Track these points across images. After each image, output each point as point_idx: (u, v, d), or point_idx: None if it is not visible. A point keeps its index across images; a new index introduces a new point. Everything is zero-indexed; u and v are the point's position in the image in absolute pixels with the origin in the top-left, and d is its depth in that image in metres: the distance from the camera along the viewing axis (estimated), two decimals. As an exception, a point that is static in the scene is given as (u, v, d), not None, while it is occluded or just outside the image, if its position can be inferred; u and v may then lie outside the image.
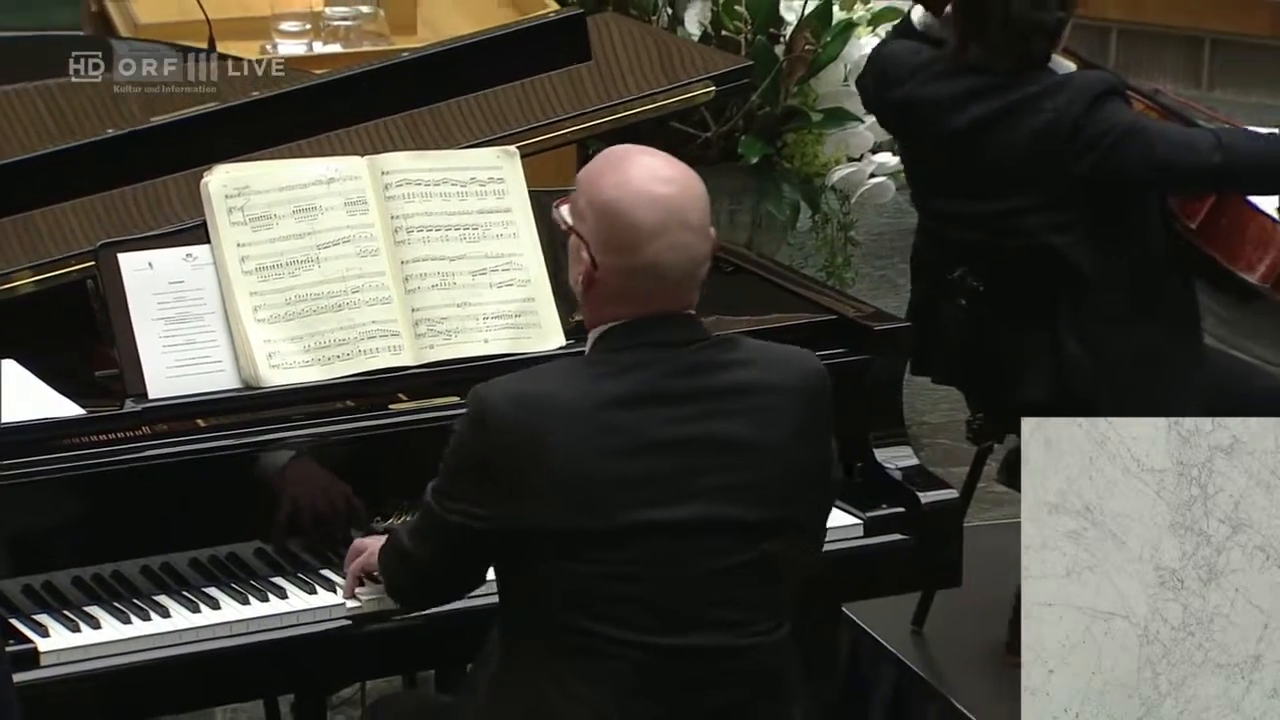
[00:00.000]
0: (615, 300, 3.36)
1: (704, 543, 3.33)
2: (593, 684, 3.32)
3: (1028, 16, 4.52)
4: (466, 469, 3.36)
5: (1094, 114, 4.49)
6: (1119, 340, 4.57)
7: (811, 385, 3.43)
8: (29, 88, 4.39)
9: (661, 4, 5.91)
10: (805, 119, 5.93)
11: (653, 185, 3.33)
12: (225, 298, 3.85)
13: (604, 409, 3.32)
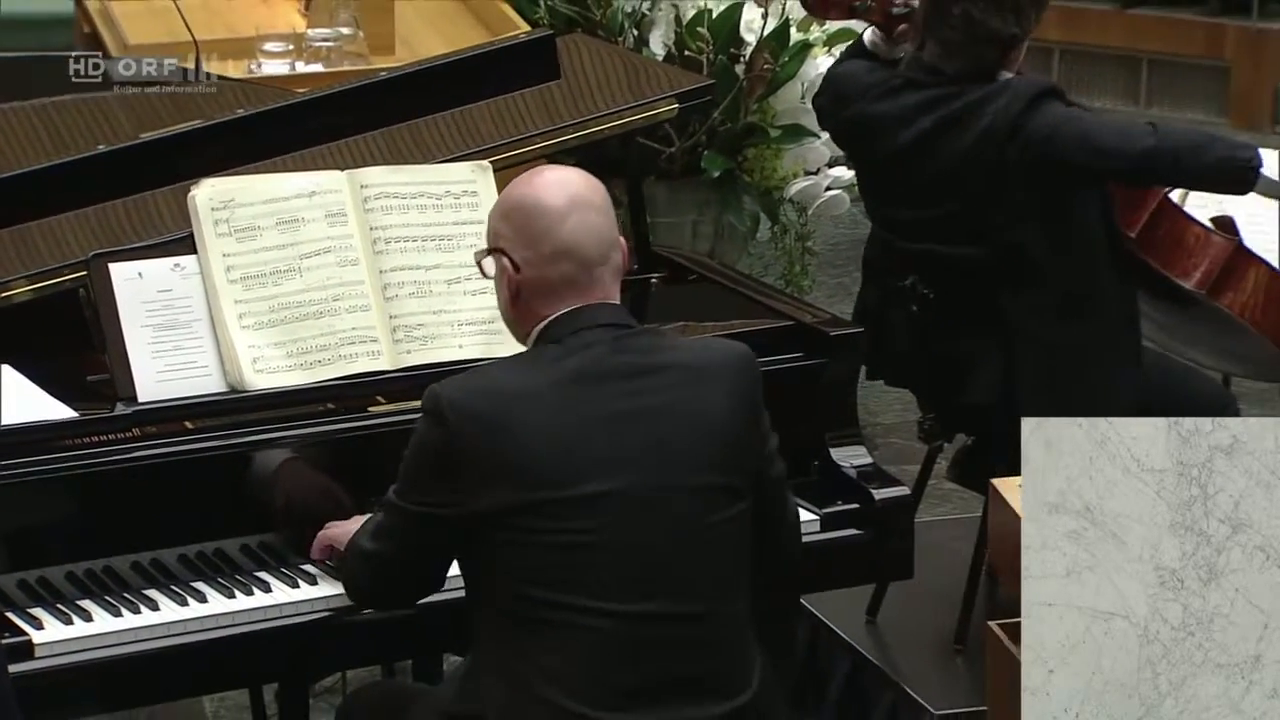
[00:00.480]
0: (544, 295, 3.42)
1: (659, 509, 3.35)
2: (562, 656, 3.32)
3: (985, 22, 4.53)
4: (429, 464, 3.38)
5: (1034, 111, 4.49)
6: (1063, 342, 4.57)
7: (742, 364, 3.48)
8: (25, 106, 4.36)
9: (627, 25, 5.90)
10: (764, 135, 5.94)
11: (554, 177, 3.48)
12: (211, 305, 3.84)
13: (559, 387, 3.37)
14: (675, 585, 3.35)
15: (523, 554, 3.32)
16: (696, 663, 3.37)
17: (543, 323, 3.42)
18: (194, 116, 4.27)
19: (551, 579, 3.31)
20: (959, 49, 4.56)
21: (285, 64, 5.53)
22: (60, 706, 3.64)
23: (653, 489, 3.35)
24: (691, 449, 3.38)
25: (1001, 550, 3.72)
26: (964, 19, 4.54)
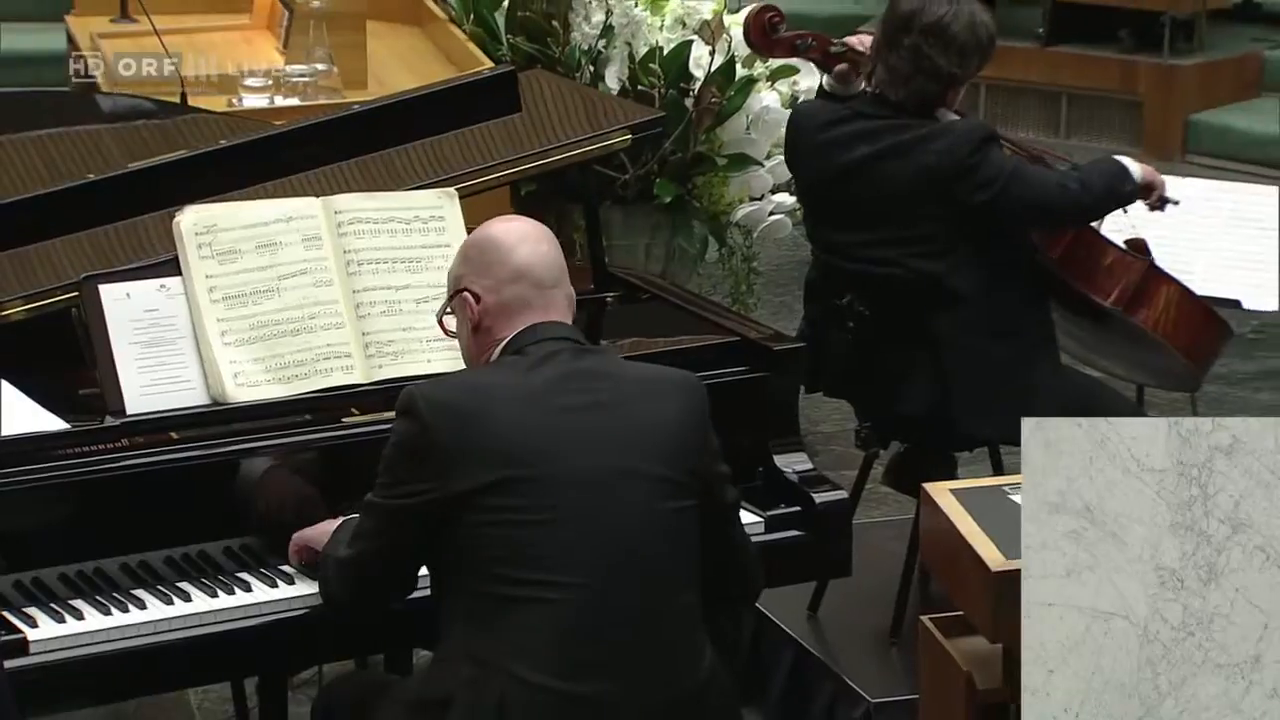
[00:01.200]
0: (504, 316, 3.48)
1: (614, 492, 3.37)
2: (527, 631, 3.32)
3: (931, 57, 4.55)
4: (405, 457, 3.40)
5: (981, 157, 4.52)
6: (989, 357, 4.57)
7: (690, 387, 3.53)
8: (23, 137, 4.34)
9: (584, 61, 5.90)
10: (712, 164, 5.93)
11: (504, 222, 3.61)
12: (195, 324, 3.82)
13: (525, 383, 3.41)
14: (630, 563, 3.36)
15: (491, 534, 3.33)
16: (652, 637, 3.37)
17: (503, 341, 3.47)
18: (180, 147, 4.26)
19: (517, 557, 3.33)
20: (904, 79, 4.58)
21: (265, 98, 5.51)
22: (54, 700, 3.63)
23: (608, 473, 3.37)
24: (642, 442, 3.41)
25: (933, 549, 3.72)
26: (912, 51, 4.56)
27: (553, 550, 3.32)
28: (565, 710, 3.32)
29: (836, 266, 4.70)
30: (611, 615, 3.34)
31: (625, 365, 3.62)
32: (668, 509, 3.40)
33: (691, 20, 5.95)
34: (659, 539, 3.39)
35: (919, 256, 4.55)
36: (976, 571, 3.38)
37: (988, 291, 4.57)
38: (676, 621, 3.40)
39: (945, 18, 4.56)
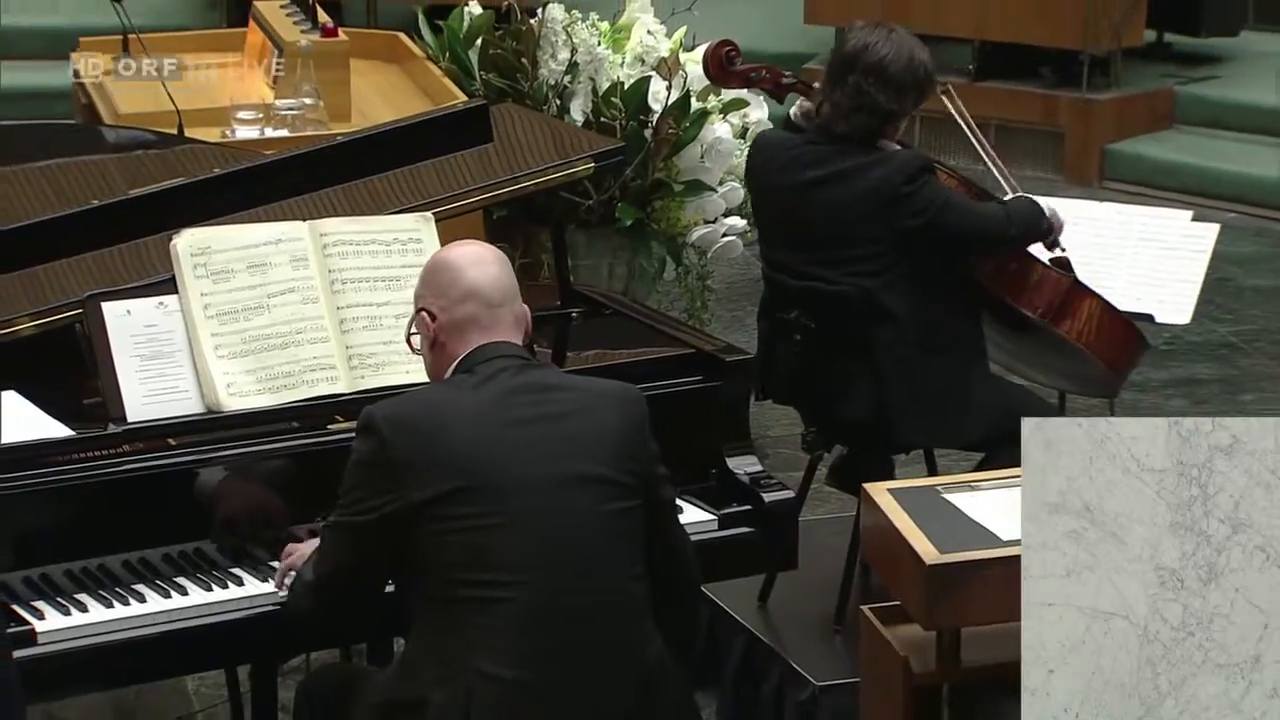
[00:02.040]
0: (456, 334, 3.48)
1: (562, 496, 3.36)
2: (486, 627, 3.31)
3: (870, 94, 4.54)
4: (365, 473, 3.39)
5: (916, 186, 4.52)
6: (923, 367, 4.57)
7: (629, 396, 3.52)
8: (33, 167, 4.33)
9: (551, 95, 5.90)
10: (669, 189, 5.93)
11: (459, 247, 3.58)
12: (191, 338, 3.80)
13: (476, 399, 3.40)
14: (578, 561, 3.35)
15: (449, 540, 3.32)
16: (602, 629, 3.36)
17: (456, 360, 3.47)
18: (177, 175, 4.24)
19: (473, 561, 3.31)
20: (847, 113, 4.58)
21: (256, 130, 5.49)
22: (60, 687, 3.63)
23: (556, 479, 3.36)
24: (587, 448, 3.40)
25: (872, 544, 3.71)
26: (854, 88, 4.56)
27: (506, 553, 3.31)
28: (526, 699, 3.30)
29: (784, 283, 4.69)
30: (564, 609, 3.33)
31: (568, 378, 3.64)
32: (613, 510, 3.39)
33: (650, 58, 5.95)
34: (604, 538, 3.38)
35: (860, 275, 4.55)
36: (912, 565, 3.38)
37: (922, 307, 4.57)
38: (624, 613, 3.39)
39: (886, 58, 4.55)
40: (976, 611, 3.39)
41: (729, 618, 4.81)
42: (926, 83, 4.63)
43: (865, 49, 4.57)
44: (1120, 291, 4.92)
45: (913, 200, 4.51)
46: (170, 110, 5.31)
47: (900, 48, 4.58)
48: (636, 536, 3.42)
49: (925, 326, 4.57)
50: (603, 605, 3.36)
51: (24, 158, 4.49)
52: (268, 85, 5.88)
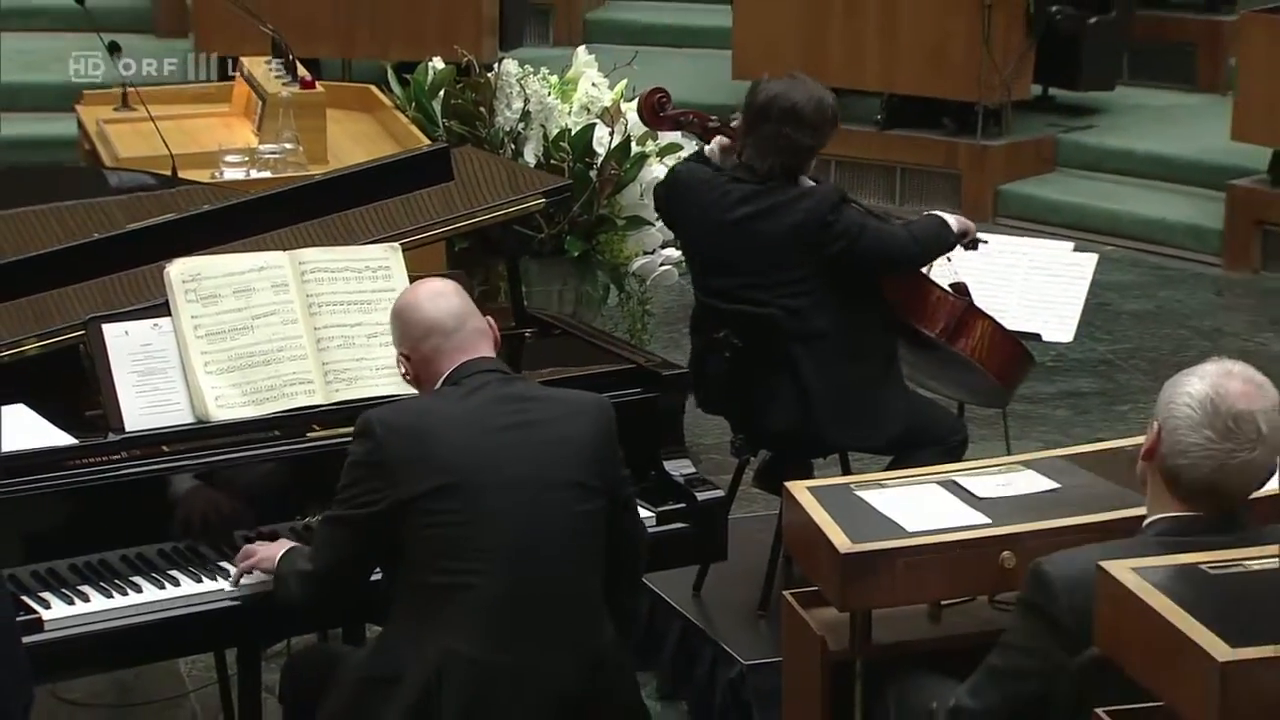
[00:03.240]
0: (426, 365, 3.48)
1: (537, 496, 3.35)
2: (461, 611, 3.30)
3: (789, 134, 4.55)
4: (361, 471, 3.37)
5: (837, 215, 4.53)
6: (842, 380, 4.57)
7: (601, 407, 3.52)
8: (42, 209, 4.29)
9: (506, 140, 5.90)
10: (612, 224, 5.93)
11: (415, 286, 3.60)
12: (182, 356, 3.77)
13: (462, 407, 3.39)
14: (544, 555, 3.34)
15: (431, 533, 3.31)
16: (562, 616, 3.36)
17: (440, 379, 3.45)
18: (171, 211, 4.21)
19: (451, 551, 3.30)
20: (768, 153, 4.57)
21: (242, 171, 5.46)
22: (65, 670, 3.63)
23: (532, 481, 3.35)
24: (562, 454, 3.39)
25: (793, 536, 3.70)
26: (771, 136, 4.56)
27: (481, 545, 3.30)
28: (491, 675, 3.29)
29: (715, 307, 4.69)
30: (528, 598, 3.32)
31: (546, 390, 3.62)
32: (581, 511, 3.39)
33: (595, 107, 5.96)
34: (570, 535, 3.37)
35: (786, 297, 4.54)
36: (828, 554, 3.37)
37: (843, 324, 4.57)
38: (582, 602, 3.38)
39: (798, 103, 4.56)
40: (885, 595, 3.39)
41: (666, 605, 4.80)
42: (834, 119, 4.65)
43: (778, 96, 4.57)
44: (1012, 313, 4.94)
45: (834, 228, 4.51)
46: (165, 155, 5.28)
47: (809, 92, 4.59)
48: (599, 535, 3.42)
49: (845, 342, 4.57)
50: (563, 596, 3.35)
51: (36, 195, 4.45)
52: (253, 132, 5.86)
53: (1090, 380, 6.76)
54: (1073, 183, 8.47)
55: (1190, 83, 9.13)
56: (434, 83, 6.08)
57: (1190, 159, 8.26)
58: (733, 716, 4.51)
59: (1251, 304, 7.50)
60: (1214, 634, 2.54)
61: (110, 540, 3.62)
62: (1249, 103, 7.80)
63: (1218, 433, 2.94)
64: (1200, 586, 2.71)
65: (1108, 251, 7.31)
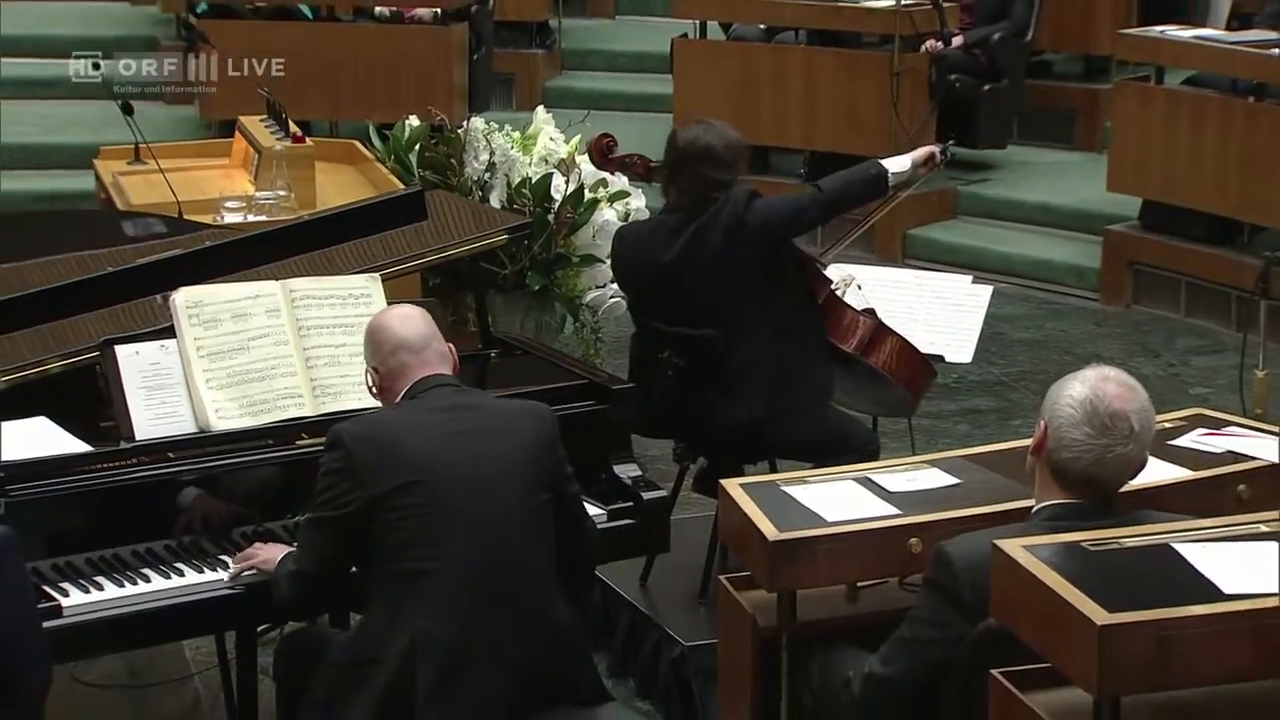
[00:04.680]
0: (395, 378, 3.46)
1: (492, 490, 3.32)
2: (427, 594, 3.27)
3: (708, 175, 4.55)
4: (335, 479, 3.34)
5: (752, 201, 4.54)
6: (773, 391, 4.55)
7: (543, 413, 3.50)
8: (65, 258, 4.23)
9: (474, 188, 5.90)
10: (568, 261, 5.92)
11: (387, 310, 3.61)
12: (186, 373, 3.75)
13: (421, 415, 3.38)
14: (501, 543, 3.32)
15: (399, 526, 3.28)
16: (519, 596, 3.33)
17: (401, 394, 3.45)
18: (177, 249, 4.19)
19: (417, 541, 3.28)
20: (691, 192, 4.58)
21: (240, 215, 5.44)
22: (81, 651, 3.62)
23: (485, 478, 3.33)
24: (511, 453, 3.38)
25: (728, 528, 3.69)
26: (693, 173, 4.57)
27: (444, 535, 3.28)
28: (457, 650, 3.27)
29: (658, 330, 4.67)
30: (488, 579, 3.29)
31: (495, 400, 3.62)
32: (531, 503, 3.37)
33: (552, 159, 5.96)
34: (523, 525, 3.35)
35: (722, 318, 4.53)
36: (758, 541, 3.37)
37: (773, 342, 4.55)
38: (535, 582, 3.37)
39: (712, 145, 4.56)
40: (808, 578, 3.38)
41: (616, 594, 4.78)
42: (744, 152, 4.66)
43: (694, 140, 4.58)
44: (918, 337, 4.93)
45: (751, 214, 4.51)
46: (172, 201, 5.26)
47: (720, 133, 4.60)
48: (547, 523, 3.40)
49: (776, 357, 4.56)
50: (519, 577, 3.34)
51: (60, 234, 4.49)
52: (249, 181, 5.84)
53: (987, 399, 6.78)
54: (971, 228, 8.50)
55: (1071, 142, 9.19)
56: (410, 138, 6.07)
57: (1072, 208, 8.30)
58: (675, 692, 4.49)
59: (1125, 333, 7.54)
60: (1093, 601, 2.55)
61: (122, 536, 3.59)
62: (1122, 159, 7.86)
63: (1096, 429, 2.96)
64: (1081, 562, 2.72)
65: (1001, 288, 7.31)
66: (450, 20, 8.71)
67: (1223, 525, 2.84)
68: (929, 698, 3.03)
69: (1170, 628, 2.51)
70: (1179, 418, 3.87)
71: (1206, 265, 7.46)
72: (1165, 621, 2.52)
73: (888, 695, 3.10)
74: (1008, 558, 2.73)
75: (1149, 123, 7.65)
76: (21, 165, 8.71)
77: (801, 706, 3.44)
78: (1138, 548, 2.77)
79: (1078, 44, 9.34)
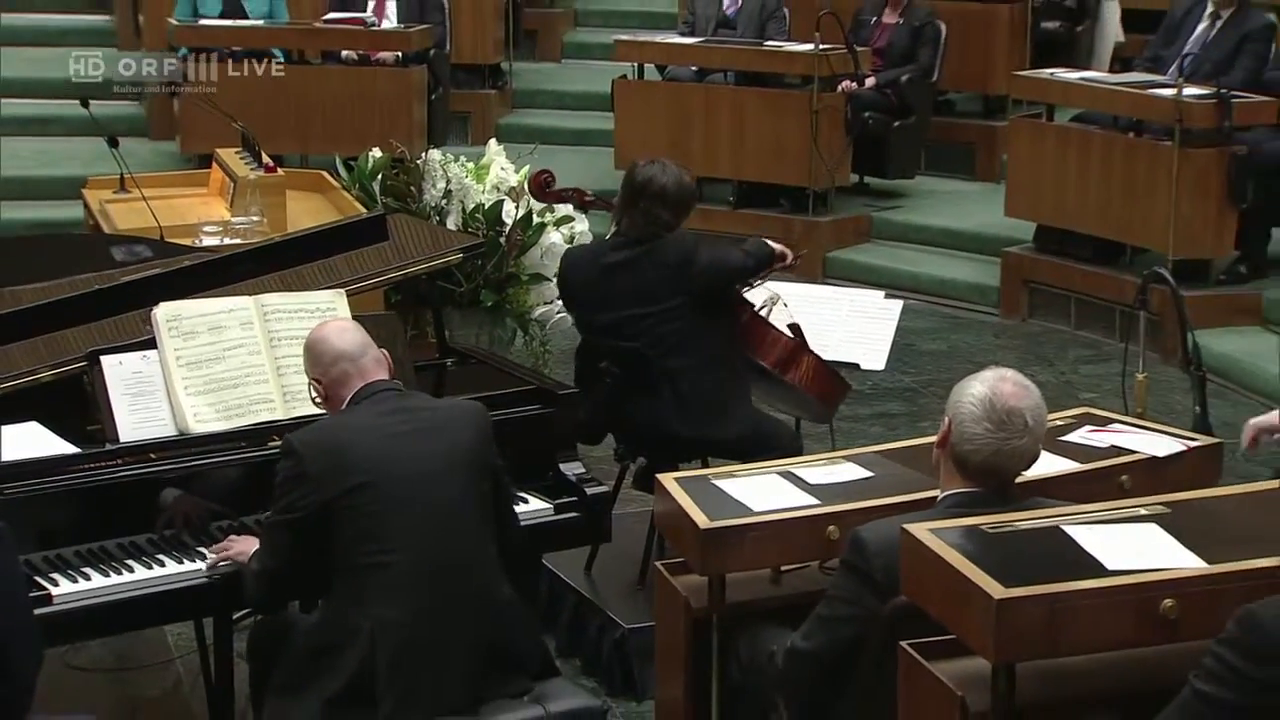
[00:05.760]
0: (335, 386, 3.42)
1: (434, 485, 3.29)
2: (383, 584, 3.24)
3: (658, 214, 4.56)
4: (290, 484, 3.30)
5: (696, 251, 4.56)
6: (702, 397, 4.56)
7: (478, 411, 3.48)
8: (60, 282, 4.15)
9: (432, 214, 5.88)
10: (518, 280, 5.91)
11: (323, 324, 3.53)
12: (166, 381, 3.72)
13: (366, 419, 3.34)
14: (448, 532, 3.30)
15: (353, 523, 3.26)
16: (468, 580, 3.31)
17: (345, 401, 3.41)
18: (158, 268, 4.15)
19: (370, 536, 3.25)
20: (641, 228, 4.58)
21: (217, 239, 5.37)
22: (70, 635, 3.59)
23: (429, 474, 3.30)
24: (453, 449, 3.35)
25: (664, 519, 3.68)
26: (644, 211, 4.57)
27: (394, 529, 3.25)
28: (414, 633, 3.24)
29: (598, 344, 4.67)
30: (438, 568, 3.27)
31: (434, 400, 3.58)
32: (472, 494, 3.34)
33: (503, 187, 5.96)
34: (465, 514, 3.33)
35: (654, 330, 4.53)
36: (691, 530, 3.37)
37: (702, 355, 4.55)
38: (480, 567, 3.34)
39: (666, 186, 4.57)
40: (736, 562, 3.39)
41: (562, 581, 4.76)
42: (694, 196, 4.69)
43: (650, 180, 4.58)
44: (836, 346, 4.97)
45: (694, 263, 4.53)
46: (154, 226, 5.21)
47: (675, 176, 4.61)
48: (487, 511, 3.38)
49: (704, 368, 4.56)
50: (465, 562, 3.31)
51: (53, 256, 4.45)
52: (225, 208, 5.80)
53: (898, 404, 6.81)
54: (884, 250, 8.53)
55: (972, 173, 9.24)
56: (373, 168, 6.05)
57: (973, 232, 8.36)
58: (617, 669, 4.48)
59: (1021, 344, 7.59)
60: (991, 578, 2.56)
61: (108, 530, 3.55)
62: (1017, 188, 7.92)
63: (994, 424, 2.98)
64: (981, 543, 2.73)
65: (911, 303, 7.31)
66: (411, 63, 8.71)
67: (1107, 509, 2.86)
68: (845, 669, 3.04)
69: (1060, 601, 2.53)
70: (1068, 416, 3.91)
71: (1093, 283, 7.53)
72: (1055, 595, 2.54)
73: (808, 667, 3.10)
74: (915, 541, 2.74)
75: (1041, 155, 7.72)
76: (19, 196, 8.64)
77: (730, 679, 3.43)
78: (1031, 530, 2.79)
79: (977, 85, 9.41)
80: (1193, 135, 6.93)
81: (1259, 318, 7.04)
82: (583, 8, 11.13)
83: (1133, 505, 2.89)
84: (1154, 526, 2.77)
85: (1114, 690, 2.66)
